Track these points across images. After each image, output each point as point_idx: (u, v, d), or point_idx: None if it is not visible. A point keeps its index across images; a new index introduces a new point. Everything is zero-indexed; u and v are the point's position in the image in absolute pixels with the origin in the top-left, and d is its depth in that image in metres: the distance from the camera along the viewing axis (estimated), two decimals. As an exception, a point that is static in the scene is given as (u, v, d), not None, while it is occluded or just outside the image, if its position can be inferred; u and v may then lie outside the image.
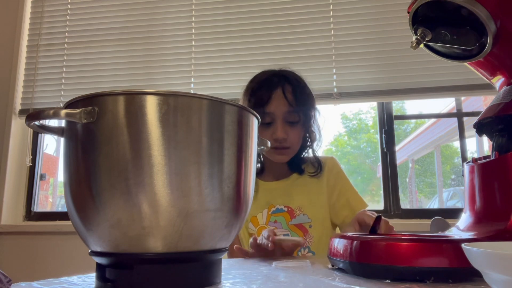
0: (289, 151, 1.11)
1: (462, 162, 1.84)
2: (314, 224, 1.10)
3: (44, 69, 2.14)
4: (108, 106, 0.43)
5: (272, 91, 1.09)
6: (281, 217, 1.12)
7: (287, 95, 1.09)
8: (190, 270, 0.45)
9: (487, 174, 0.59)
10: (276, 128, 1.06)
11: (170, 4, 2.10)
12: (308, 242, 1.09)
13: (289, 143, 1.08)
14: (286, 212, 1.12)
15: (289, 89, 1.10)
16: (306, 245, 1.10)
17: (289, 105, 1.08)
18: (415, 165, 5.62)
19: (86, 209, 0.44)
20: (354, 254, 0.54)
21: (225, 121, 0.47)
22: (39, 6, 2.20)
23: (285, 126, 1.08)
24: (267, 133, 1.08)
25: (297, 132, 1.10)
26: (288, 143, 1.08)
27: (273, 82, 1.11)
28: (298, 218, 1.12)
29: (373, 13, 1.93)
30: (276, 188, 1.16)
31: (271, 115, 1.07)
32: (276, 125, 1.07)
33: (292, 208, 1.12)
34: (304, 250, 1.09)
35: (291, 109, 1.08)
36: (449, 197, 4.14)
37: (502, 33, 0.60)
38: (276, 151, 1.09)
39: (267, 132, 1.08)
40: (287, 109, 1.08)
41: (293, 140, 1.09)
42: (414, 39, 0.65)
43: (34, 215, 2.09)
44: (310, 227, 1.10)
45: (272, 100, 1.08)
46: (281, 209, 1.13)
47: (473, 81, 1.79)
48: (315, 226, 1.10)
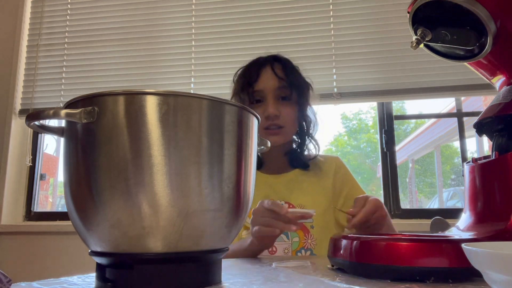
0: (283, 131, 1.04)
1: (462, 162, 1.84)
2: (316, 226, 1.05)
3: (44, 69, 2.14)
4: (108, 106, 0.43)
5: (260, 69, 1.05)
6: None
7: (276, 71, 1.05)
8: (190, 270, 0.45)
9: (487, 174, 0.59)
10: (267, 105, 1.01)
11: (170, 4, 2.10)
12: (310, 244, 1.03)
13: (282, 121, 1.02)
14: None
15: (278, 66, 1.07)
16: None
17: (279, 80, 1.04)
18: (415, 165, 5.62)
19: (86, 209, 0.44)
20: (354, 254, 0.54)
21: (225, 121, 0.47)
22: (39, 6, 2.20)
23: (276, 102, 1.03)
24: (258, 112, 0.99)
25: (291, 109, 1.04)
26: (281, 121, 1.02)
27: (261, 61, 1.08)
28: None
29: (373, 13, 1.93)
30: (276, 183, 1.10)
31: (260, 92, 1.03)
32: (267, 101, 1.02)
33: (293, 205, 1.06)
34: (306, 252, 1.03)
35: (281, 84, 1.04)
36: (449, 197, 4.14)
37: (502, 33, 0.60)
38: (269, 132, 1.02)
39: (258, 111, 1.01)
40: (277, 84, 1.04)
41: (286, 118, 1.03)
42: (414, 39, 0.65)
43: (34, 215, 2.09)
44: (312, 227, 1.04)
45: (261, 77, 1.04)
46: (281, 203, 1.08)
47: (473, 81, 1.79)
48: (317, 228, 1.04)
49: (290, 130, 1.06)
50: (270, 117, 1.00)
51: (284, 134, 1.05)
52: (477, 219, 0.59)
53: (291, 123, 1.05)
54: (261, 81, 1.04)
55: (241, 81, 1.07)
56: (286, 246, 1.01)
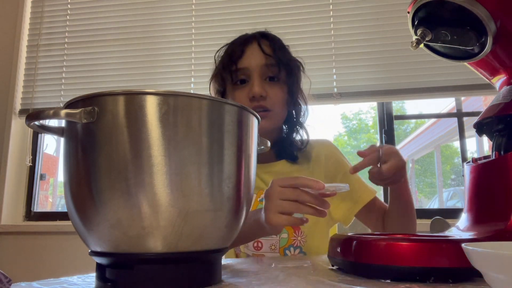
0: (271, 115, 0.92)
1: (462, 162, 1.84)
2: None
3: (44, 69, 2.14)
4: (108, 106, 0.43)
5: (245, 45, 0.94)
6: None
7: (263, 48, 0.93)
8: (190, 270, 0.45)
9: (487, 174, 0.59)
10: (252, 84, 0.90)
11: (170, 4, 2.10)
12: (299, 242, 0.94)
13: (270, 104, 0.91)
14: None
15: (265, 42, 0.95)
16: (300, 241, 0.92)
17: (266, 57, 0.92)
18: (415, 165, 5.62)
19: (86, 209, 0.44)
20: (354, 254, 0.54)
21: (225, 121, 0.47)
22: (39, 6, 2.20)
23: (263, 82, 0.92)
24: (242, 93, 0.92)
25: (279, 91, 0.93)
26: (268, 103, 0.91)
27: (246, 37, 0.97)
28: None
29: (373, 13, 1.93)
30: (268, 172, 1.00)
31: (245, 70, 0.92)
32: (252, 81, 0.91)
33: None
34: (295, 251, 0.94)
35: (269, 61, 0.92)
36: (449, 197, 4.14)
37: (502, 33, 0.60)
38: None
39: (242, 92, 0.92)
40: (264, 61, 0.92)
41: (274, 100, 0.92)
42: (414, 39, 0.65)
43: (34, 215, 2.09)
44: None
45: (246, 54, 0.93)
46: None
47: (473, 81, 1.79)
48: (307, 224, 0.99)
49: (278, 114, 0.95)
50: (255, 98, 0.89)
51: (272, 119, 0.93)
52: (477, 219, 0.59)
53: (279, 106, 0.94)
54: (245, 58, 0.93)
55: (224, 59, 0.96)
56: (273, 243, 0.93)
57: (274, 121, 0.94)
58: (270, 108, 0.91)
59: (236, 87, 0.93)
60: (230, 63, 0.93)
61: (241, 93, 0.91)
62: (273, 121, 0.93)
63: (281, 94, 0.93)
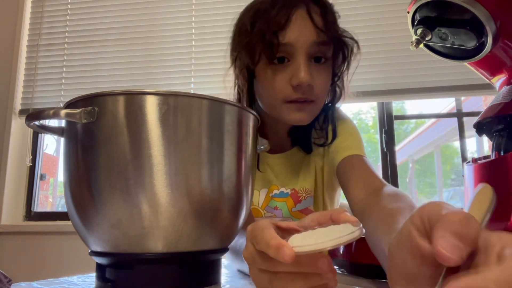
0: (312, 107, 0.72)
1: (462, 162, 1.84)
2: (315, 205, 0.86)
3: (44, 69, 2.14)
4: (108, 106, 0.43)
5: (291, 10, 0.69)
6: (284, 203, 0.84)
7: (313, 17, 0.69)
8: (190, 270, 0.45)
9: (487, 174, 0.59)
10: (298, 68, 0.67)
11: (170, 4, 2.10)
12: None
13: (315, 93, 0.70)
14: (290, 196, 0.84)
15: (316, 9, 0.70)
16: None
17: (317, 32, 0.69)
18: (415, 165, 5.62)
19: (86, 209, 0.44)
20: (354, 254, 0.54)
21: (225, 121, 0.47)
22: (39, 6, 2.20)
23: (309, 65, 0.69)
24: (282, 77, 0.69)
25: (325, 76, 0.72)
26: (314, 93, 0.70)
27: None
28: (304, 203, 0.84)
29: (373, 13, 1.93)
30: (280, 164, 0.85)
31: (287, 46, 0.68)
32: (298, 63, 0.68)
33: (296, 190, 0.84)
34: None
35: (320, 38, 0.69)
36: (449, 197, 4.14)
37: (502, 33, 0.60)
38: (295, 106, 0.70)
39: (282, 75, 0.69)
40: (314, 37, 0.69)
41: (320, 88, 0.71)
42: (414, 39, 0.65)
43: (34, 215, 2.09)
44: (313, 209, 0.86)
45: (292, 24, 0.68)
46: (286, 193, 0.84)
47: (473, 81, 1.79)
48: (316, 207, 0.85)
49: (320, 105, 0.74)
50: (301, 88, 0.68)
51: (313, 111, 0.73)
52: (477, 219, 0.59)
53: (323, 96, 0.74)
54: (291, 31, 0.68)
55: (260, 25, 0.69)
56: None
57: (314, 114, 0.74)
58: (314, 98, 0.71)
59: (273, 67, 0.70)
60: (270, 33, 0.68)
61: (281, 76, 0.69)
62: (313, 114, 0.74)
63: (327, 81, 0.74)
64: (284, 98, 0.70)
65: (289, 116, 0.71)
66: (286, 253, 0.31)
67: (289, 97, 0.69)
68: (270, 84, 0.70)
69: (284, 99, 0.70)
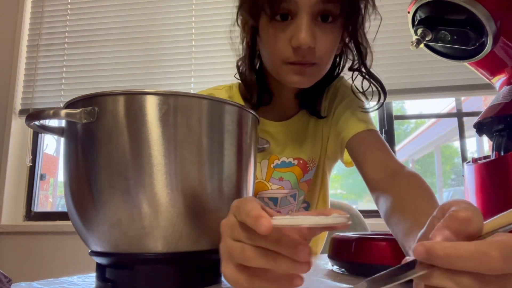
0: (313, 71, 0.66)
1: (462, 162, 1.84)
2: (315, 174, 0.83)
3: (44, 69, 2.14)
4: (108, 106, 0.43)
5: None
6: (290, 173, 0.79)
7: None
8: (190, 270, 0.45)
9: (487, 174, 0.59)
10: (299, 27, 0.61)
11: (170, 4, 2.10)
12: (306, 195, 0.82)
13: (317, 56, 0.64)
14: (297, 166, 0.79)
15: None
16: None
17: None
18: (415, 165, 5.62)
19: (86, 209, 0.44)
20: (354, 254, 0.54)
21: (225, 121, 0.47)
22: (39, 6, 2.20)
23: (313, 25, 0.62)
24: (283, 36, 0.64)
25: (332, 38, 0.66)
26: (315, 56, 0.64)
27: None
28: (310, 173, 0.80)
29: (373, 13, 1.93)
30: (282, 132, 0.79)
31: (292, 3, 0.62)
32: (300, 22, 0.62)
33: (304, 160, 0.79)
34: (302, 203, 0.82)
35: None
36: (449, 197, 4.14)
37: (502, 33, 0.60)
38: (294, 68, 0.65)
39: (283, 34, 0.64)
40: None
41: (323, 50, 0.65)
42: (414, 39, 0.66)
43: (34, 215, 2.09)
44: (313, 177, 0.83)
45: None
46: (289, 162, 0.79)
47: (473, 81, 1.79)
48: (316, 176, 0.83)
49: (323, 69, 0.69)
50: (300, 50, 0.62)
51: (314, 75, 0.68)
52: (477, 219, 0.59)
53: (328, 59, 0.68)
54: None
55: None
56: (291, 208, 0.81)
57: (316, 78, 0.69)
58: (316, 61, 0.65)
59: (275, 24, 0.64)
60: None
61: (281, 36, 0.64)
62: (315, 78, 0.69)
63: (333, 44, 0.67)
64: (284, 59, 0.65)
65: (288, 78, 0.67)
66: (263, 224, 0.31)
67: (288, 58, 0.64)
68: (271, 43, 0.66)
69: (284, 60, 0.65)
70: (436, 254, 0.26)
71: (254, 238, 0.33)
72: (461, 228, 0.27)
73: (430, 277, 0.27)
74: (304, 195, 0.82)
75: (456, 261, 0.25)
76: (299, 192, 0.80)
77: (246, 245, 0.33)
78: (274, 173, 0.79)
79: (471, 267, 0.25)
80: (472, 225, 0.27)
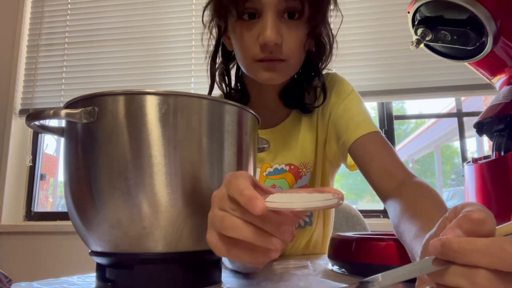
0: (283, 67, 0.69)
1: (462, 162, 1.84)
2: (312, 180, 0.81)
3: (44, 69, 2.14)
4: (108, 106, 0.43)
5: None
6: (282, 179, 0.78)
7: None
8: (190, 270, 0.45)
9: (487, 174, 0.59)
10: (265, 25, 0.64)
11: (171, 4, 2.10)
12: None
13: (285, 52, 0.67)
14: (288, 172, 0.78)
15: None
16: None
17: None
18: (415, 165, 5.62)
19: (86, 209, 0.44)
20: (354, 254, 0.54)
21: (225, 121, 0.47)
22: (39, 6, 2.20)
23: (278, 22, 0.65)
24: (251, 35, 0.67)
25: (298, 33, 0.68)
26: (283, 52, 0.67)
27: None
28: (304, 179, 0.79)
29: (373, 13, 1.93)
30: (273, 138, 0.77)
31: (257, 2, 0.65)
32: (265, 19, 0.65)
33: (296, 165, 0.78)
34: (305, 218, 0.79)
35: None
36: (449, 197, 4.14)
37: (502, 33, 0.60)
38: (262, 66, 0.68)
39: (251, 33, 0.66)
40: None
41: (291, 46, 0.67)
42: (415, 39, 0.66)
43: (34, 215, 2.09)
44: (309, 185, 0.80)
45: None
46: (281, 169, 0.79)
47: (473, 81, 1.79)
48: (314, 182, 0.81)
49: (293, 65, 0.71)
50: (267, 47, 0.65)
51: (284, 71, 0.70)
52: (477, 219, 0.59)
53: (297, 54, 0.70)
54: None
55: None
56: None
57: (287, 74, 0.71)
58: (285, 57, 0.67)
59: (243, 23, 0.67)
60: None
61: (248, 35, 0.66)
62: (286, 74, 0.71)
63: (300, 38, 0.69)
64: (253, 56, 0.68)
65: (259, 75, 0.69)
66: (257, 205, 0.31)
67: (257, 55, 0.67)
68: (240, 41, 0.69)
69: (253, 58, 0.68)
70: (451, 248, 0.25)
71: (244, 213, 0.34)
72: (474, 228, 0.26)
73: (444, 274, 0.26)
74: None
75: (472, 254, 0.25)
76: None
77: (227, 214, 0.35)
78: (266, 181, 0.79)
79: (487, 261, 0.24)
80: (485, 226, 0.26)
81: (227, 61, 0.82)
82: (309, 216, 0.83)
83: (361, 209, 1.44)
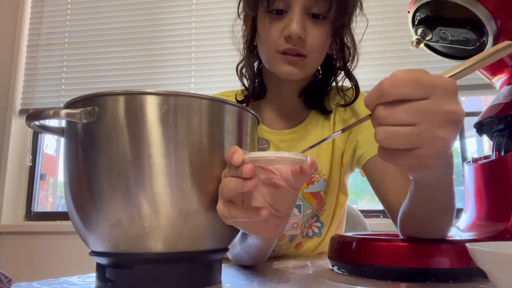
0: (304, 63, 0.72)
1: (462, 162, 1.84)
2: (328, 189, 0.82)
3: (44, 69, 2.14)
4: (108, 106, 0.43)
5: None
6: None
7: None
8: (190, 270, 0.45)
9: (487, 174, 0.59)
10: (291, 20, 0.69)
11: (171, 4, 2.10)
12: (318, 211, 0.82)
13: (306, 48, 0.71)
14: None
15: None
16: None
17: None
18: (415, 165, 5.61)
19: (86, 209, 0.44)
20: (354, 255, 0.54)
21: (225, 121, 0.47)
22: (39, 6, 2.20)
23: (304, 19, 0.70)
24: (277, 28, 0.71)
25: (321, 32, 0.72)
26: (305, 47, 0.71)
27: None
28: (317, 185, 0.81)
29: (373, 13, 1.92)
30: (288, 140, 0.82)
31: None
32: (292, 15, 0.69)
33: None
34: (312, 219, 0.82)
35: None
36: (449, 197, 4.13)
37: (503, 32, 0.60)
38: (286, 58, 0.72)
39: (277, 26, 0.71)
40: None
41: (313, 44, 0.71)
42: (415, 39, 0.66)
43: (34, 215, 2.09)
44: (325, 193, 0.82)
45: None
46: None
47: (473, 81, 1.79)
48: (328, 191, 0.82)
49: (313, 62, 0.75)
50: (291, 39, 0.69)
51: (305, 67, 0.73)
52: (477, 219, 0.59)
53: (317, 52, 0.74)
54: None
55: None
56: (296, 221, 0.81)
57: (306, 70, 0.75)
58: (305, 53, 0.71)
59: (270, 17, 0.72)
60: None
61: (275, 27, 0.71)
62: (305, 70, 0.74)
63: (323, 38, 0.73)
64: (277, 48, 0.72)
65: (280, 67, 0.73)
66: (236, 156, 0.40)
67: (280, 47, 0.71)
68: (266, 33, 0.73)
69: (277, 49, 0.72)
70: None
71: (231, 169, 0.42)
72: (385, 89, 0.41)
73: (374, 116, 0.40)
74: (311, 209, 0.81)
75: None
76: (304, 203, 0.80)
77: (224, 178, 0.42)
78: None
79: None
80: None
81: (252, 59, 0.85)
82: (319, 227, 0.84)
83: (361, 209, 1.44)
